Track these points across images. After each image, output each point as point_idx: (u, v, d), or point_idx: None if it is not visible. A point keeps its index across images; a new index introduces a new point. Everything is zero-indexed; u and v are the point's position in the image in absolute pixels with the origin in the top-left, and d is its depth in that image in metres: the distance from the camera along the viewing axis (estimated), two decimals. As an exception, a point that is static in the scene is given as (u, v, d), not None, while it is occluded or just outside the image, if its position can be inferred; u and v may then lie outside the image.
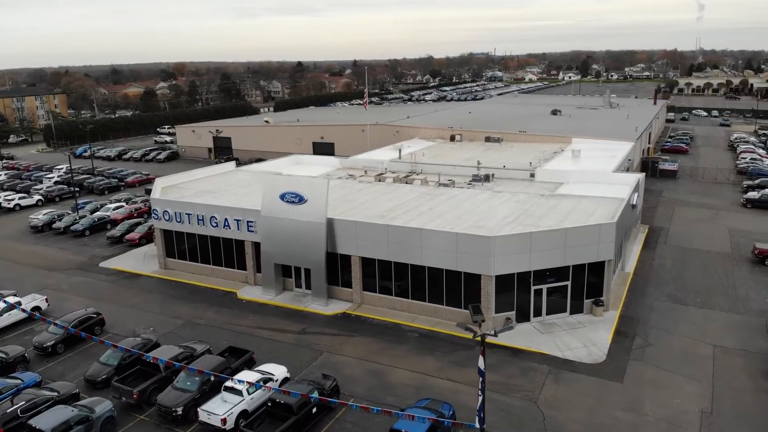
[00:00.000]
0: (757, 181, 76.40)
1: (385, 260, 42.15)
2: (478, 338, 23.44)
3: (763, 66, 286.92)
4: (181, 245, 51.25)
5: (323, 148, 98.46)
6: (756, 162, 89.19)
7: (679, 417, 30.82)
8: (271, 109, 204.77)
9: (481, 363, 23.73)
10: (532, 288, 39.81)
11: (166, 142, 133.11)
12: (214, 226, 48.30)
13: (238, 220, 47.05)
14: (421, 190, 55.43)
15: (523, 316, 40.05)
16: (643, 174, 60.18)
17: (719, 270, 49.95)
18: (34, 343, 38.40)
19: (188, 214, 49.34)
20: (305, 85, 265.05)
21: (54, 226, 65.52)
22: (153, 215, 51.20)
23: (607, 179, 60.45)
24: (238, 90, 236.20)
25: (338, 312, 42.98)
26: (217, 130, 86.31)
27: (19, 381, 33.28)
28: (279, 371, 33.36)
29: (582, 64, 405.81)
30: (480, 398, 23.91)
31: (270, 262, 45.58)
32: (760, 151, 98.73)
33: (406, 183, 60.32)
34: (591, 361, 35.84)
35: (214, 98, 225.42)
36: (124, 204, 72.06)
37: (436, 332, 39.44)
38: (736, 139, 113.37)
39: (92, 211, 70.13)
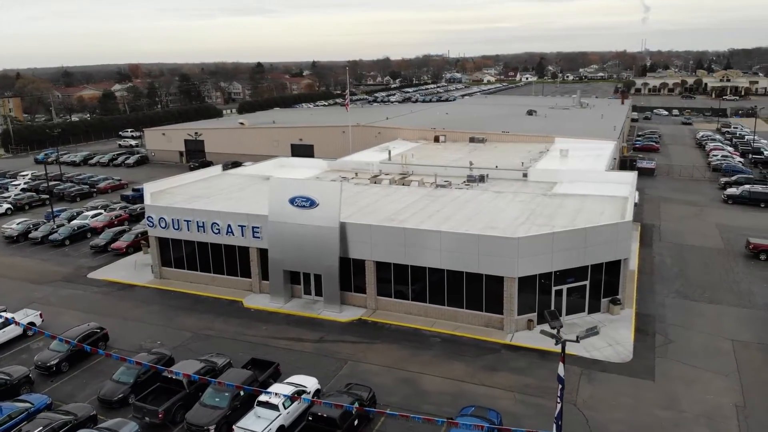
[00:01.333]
0: (734, 178, 78.78)
1: (401, 264, 41.23)
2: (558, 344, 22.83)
3: (714, 66, 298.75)
4: (179, 253, 49.07)
5: (302, 150, 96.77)
6: (728, 159, 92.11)
7: (716, 412, 31.01)
8: (235, 110, 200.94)
9: (561, 370, 23.12)
10: (553, 288, 39.60)
11: (131, 146, 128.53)
12: (216, 233, 46.38)
13: (242, 226, 45.30)
14: (421, 192, 54.75)
15: (543, 318, 39.72)
16: (636, 172, 61.01)
17: (718, 266, 50.98)
18: (36, 362, 35.91)
19: (187, 221, 47.24)
20: (267, 87, 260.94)
21: (30, 236, 61.95)
22: (147, 222, 48.85)
23: (601, 178, 61.08)
24: (198, 92, 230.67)
25: (353, 318, 41.82)
26: (196, 133, 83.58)
27: (28, 404, 30.94)
28: (310, 383, 32.05)
29: (537, 65, 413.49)
30: (558, 406, 23.30)
31: (278, 268, 44.04)
32: (729, 148, 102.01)
33: (403, 185, 59.59)
34: (619, 360, 35.81)
35: (174, 100, 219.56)
36: (102, 211, 68.87)
37: (458, 336, 38.76)
38: (702, 137, 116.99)
39: (69, 220, 66.73)
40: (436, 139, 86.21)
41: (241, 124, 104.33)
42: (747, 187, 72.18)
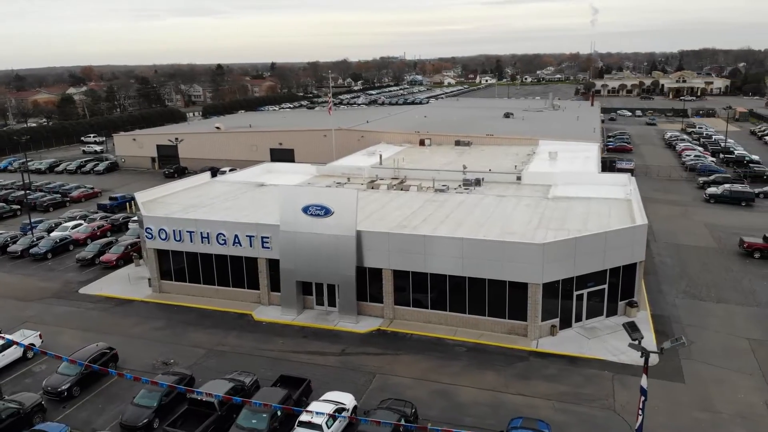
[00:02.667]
0: (712, 177, 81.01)
1: (420, 272, 40.50)
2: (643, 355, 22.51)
3: (666, 68, 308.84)
4: (180, 266, 47.07)
5: (282, 155, 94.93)
6: (700, 159, 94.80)
7: (750, 411, 31.46)
8: (198, 113, 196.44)
9: (644, 382, 22.80)
10: (575, 293, 39.56)
11: (96, 152, 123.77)
12: (222, 244, 44.64)
13: (250, 236, 43.73)
14: (423, 197, 54.18)
15: (565, 323, 39.70)
16: (630, 174, 61.94)
17: (717, 265, 52.10)
18: (46, 388, 33.62)
19: (190, 232, 45.32)
20: (228, 89, 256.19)
21: (9, 249, 58.54)
22: (146, 234, 46.65)
23: (594, 180, 61.85)
24: (158, 95, 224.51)
25: (372, 329, 40.84)
26: (176, 138, 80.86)
27: (48, 435, 28.90)
28: (347, 399, 30.96)
29: (496, 67, 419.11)
30: (640, 418, 22.95)
31: (291, 279, 42.67)
32: (699, 148, 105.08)
33: (401, 190, 58.87)
34: (648, 363, 35.88)
35: (133, 104, 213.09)
36: (82, 222, 65.72)
37: (483, 345, 38.27)
38: (671, 137, 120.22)
39: (48, 231, 63.43)
40: (422, 143, 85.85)
41: (217, 128, 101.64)
42: (727, 186, 74.31)
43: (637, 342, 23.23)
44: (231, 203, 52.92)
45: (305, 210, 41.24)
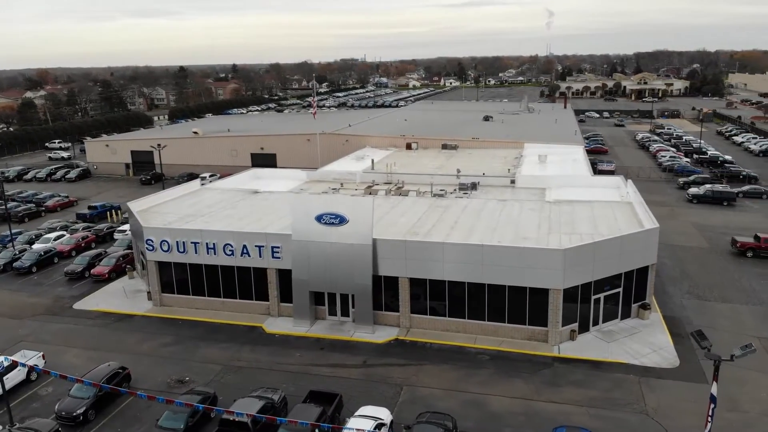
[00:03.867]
0: (692, 178, 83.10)
1: (437, 280, 40.04)
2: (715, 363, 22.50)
3: (626, 70, 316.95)
4: (183, 278, 45.42)
5: (263, 160, 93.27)
6: (676, 159, 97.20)
7: (776, 411, 32.04)
8: (164, 117, 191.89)
9: (714, 389, 22.77)
10: (592, 297, 39.73)
11: (63, 158, 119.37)
12: (229, 255, 43.25)
13: (260, 247, 42.48)
14: (425, 203, 53.79)
15: (583, 327, 39.82)
16: (623, 176, 62.85)
17: (713, 264, 53.27)
18: (59, 412, 31.78)
19: (195, 243, 43.75)
20: (192, 92, 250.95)
21: (-10, 264, 55.61)
22: (147, 246, 44.83)
23: (588, 183, 62.66)
24: (120, 98, 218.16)
25: (389, 339, 40.15)
26: (159, 145, 78.41)
27: (72, 464, 27.28)
28: (384, 414, 30.22)
29: (459, 70, 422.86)
30: (708, 426, 22.93)
31: (304, 290, 41.63)
32: (672, 149, 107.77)
33: (400, 195, 58.35)
34: (668, 365, 36.32)
35: (95, 107, 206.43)
36: (64, 233, 62.99)
37: (506, 352, 38.04)
38: (643, 138, 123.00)
39: (29, 243, 60.54)
40: (408, 146, 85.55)
41: (195, 133, 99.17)
42: (709, 186, 76.30)
43: (707, 349, 23.20)
44: (230, 212, 51.47)
45: (319, 219, 40.29)
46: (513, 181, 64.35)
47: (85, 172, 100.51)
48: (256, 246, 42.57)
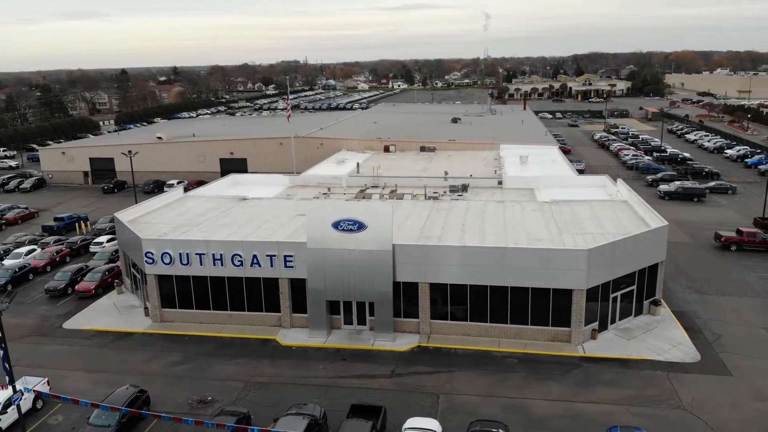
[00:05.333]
0: (659, 175, 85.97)
1: (458, 284, 39.52)
2: None
3: (569, 72, 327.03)
4: (185, 292, 43.14)
5: (233, 165, 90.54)
6: (639, 158, 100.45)
7: (801, 399, 33.16)
8: (111, 122, 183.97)
9: None
10: (611, 296, 40.16)
11: (11, 167, 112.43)
12: (237, 265, 41.36)
13: (271, 256, 40.80)
14: (424, 205, 53.27)
15: (602, 326, 40.19)
16: (606, 176, 64.20)
17: (702, 259, 55.07)
18: (82, 444, 29.43)
19: (200, 254, 41.63)
20: (136, 96, 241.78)
21: (-41, 283, 51.32)
22: (147, 259, 42.34)
23: (574, 182, 63.82)
24: (61, 103, 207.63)
25: (412, 346, 39.32)
26: (129, 152, 74.51)
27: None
28: (434, 425, 29.43)
29: (405, 72, 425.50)
30: None
31: (320, 299, 40.26)
32: (632, 148, 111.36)
33: (396, 199, 57.59)
34: (691, 359, 37.05)
35: (34, 113, 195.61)
36: (35, 247, 58.96)
37: (533, 354, 37.89)
38: (600, 138, 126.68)
39: (-2, 259, 56.40)
40: (386, 149, 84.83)
41: (159, 138, 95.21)
42: (678, 183, 79.12)
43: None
44: (224, 220, 49.32)
45: (336, 225, 39.05)
46: (500, 183, 64.75)
47: (40, 182, 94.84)
48: (267, 255, 40.87)
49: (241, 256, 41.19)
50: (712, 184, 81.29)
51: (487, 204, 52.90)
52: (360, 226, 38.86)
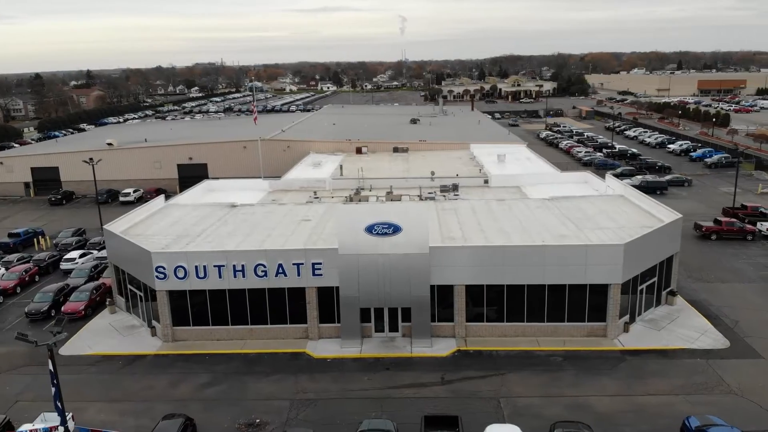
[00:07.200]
0: (619, 170, 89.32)
1: (496, 285, 38.95)
2: None
3: (492, 73, 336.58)
4: (200, 307, 40.07)
5: (192, 171, 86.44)
6: (592, 155, 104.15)
7: (832, 378, 34.91)
8: (33, 129, 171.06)
9: None
10: (638, 288, 40.87)
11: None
12: (261, 276, 38.83)
13: (298, 264, 38.59)
14: (428, 206, 51.33)
15: (632, 318, 40.84)
16: (589, 171, 65.85)
17: (690, 249, 57.12)
18: (139, 483, 26.40)
19: (218, 266, 38.76)
20: (54, 101, 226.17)
21: None
22: (158, 274, 38.94)
23: (557, 179, 65.10)
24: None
25: (451, 351, 38.31)
26: (91, 159, 68.89)
27: None
28: (516, 430, 28.56)
29: (333, 75, 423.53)
30: None
31: (354, 307, 38.51)
32: (581, 145, 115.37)
33: (392, 200, 56.33)
34: (723, 345, 38.24)
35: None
36: (-2, 267, 53.34)
37: (574, 351, 37.85)
38: (547, 136, 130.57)
39: (-42, 283, 50.40)
40: (359, 151, 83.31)
41: (109, 144, 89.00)
42: (640, 177, 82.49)
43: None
44: (225, 229, 46.47)
45: (370, 229, 37.47)
46: (486, 181, 65.04)
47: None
48: (293, 264, 38.64)
49: (265, 266, 38.71)
50: (668, 177, 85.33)
51: (490, 203, 52.73)
52: (395, 229, 37.48)
